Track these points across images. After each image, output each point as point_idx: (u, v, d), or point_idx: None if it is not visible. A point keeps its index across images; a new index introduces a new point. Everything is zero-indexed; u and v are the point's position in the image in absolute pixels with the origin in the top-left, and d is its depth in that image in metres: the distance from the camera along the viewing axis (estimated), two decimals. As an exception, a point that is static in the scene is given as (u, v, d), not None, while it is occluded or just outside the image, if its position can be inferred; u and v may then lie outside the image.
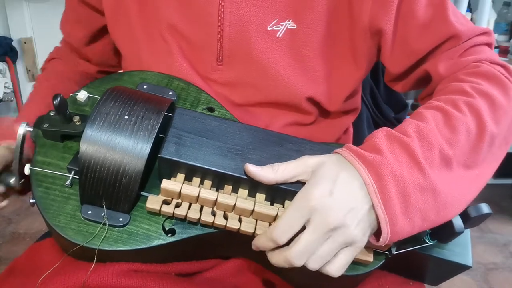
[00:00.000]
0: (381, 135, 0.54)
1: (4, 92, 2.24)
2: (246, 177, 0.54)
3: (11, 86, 2.30)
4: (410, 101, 2.35)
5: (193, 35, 0.67)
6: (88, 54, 0.84)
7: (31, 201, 0.56)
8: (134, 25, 0.70)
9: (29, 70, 2.40)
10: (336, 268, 0.51)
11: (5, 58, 2.28)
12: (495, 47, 2.07)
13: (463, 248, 0.62)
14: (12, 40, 2.32)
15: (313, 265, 0.50)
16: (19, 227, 1.87)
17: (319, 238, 0.49)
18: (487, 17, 2.00)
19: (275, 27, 0.65)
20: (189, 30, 0.67)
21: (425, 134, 0.53)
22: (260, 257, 0.62)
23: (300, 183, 0.54)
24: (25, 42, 2.33)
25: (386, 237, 0.50)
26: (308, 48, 0.66)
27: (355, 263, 0.56)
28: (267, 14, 0.64)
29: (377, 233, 0.52)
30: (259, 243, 0.53)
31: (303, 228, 0.50)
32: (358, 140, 0.89)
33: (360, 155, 0.52)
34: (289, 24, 0.65)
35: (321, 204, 0.49)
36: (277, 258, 0.51)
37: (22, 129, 0.58)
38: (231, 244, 0.60)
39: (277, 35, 0.65)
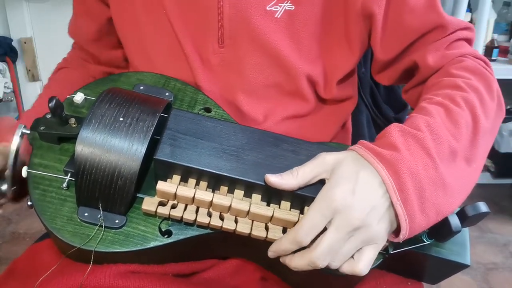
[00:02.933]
0: (395, 131, 0.54)
1: (4, 92, 2.25)
2: (241, 178, 0.54)
3: (11, 86, 2.30)
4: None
5: (194, 18, 0.68)
6: (97, 52, 0.85)
7: (29, 203, 0.56)
8: (139, 12, 0.71)
9: (29, 70, 2.40)
10: (363, 266, 0.51)
11: (5, 58, 2.28)
12: (495, 47, 2.07)
13: (461, 247, 0.62)
14: (12, 40, 2.32)
15: (335, 265, 0.51)
16: (19, 227, 1.87)
17: (342, 238, 0.50)
18: (487, 17, 2.00)
19: (274, 8, 0.66)
20: (190, 13, 0.68)
21: (435, 129, 0.55)
22: (258, 256, 0.62)
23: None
24: (25, 42, 2.34)
25: (405, 234, 0.51)
26: (305, 29, 0.68)
27: None
28: None
29: (394, 230, 0.53)
30: (281, 247, 0.52)
31: (325, 228, 0.50)
32: (357, 140, 0.89)
33: (377, 153, 0.52)
34: (287, 5, 0.66)
35: (344, 204, 0.49)
36: (299, 262, 0.52)
37: (17, 138, 0.57)
38: (228, 245, 0.61)
39: (275, 16, 0.66)
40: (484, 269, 1.74)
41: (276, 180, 0.53)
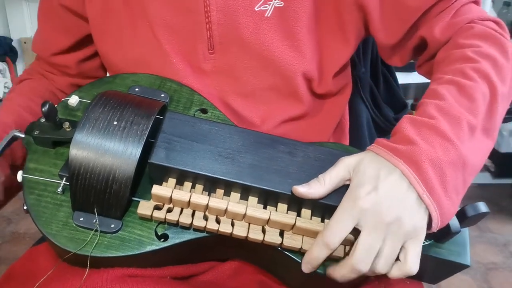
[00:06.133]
0: (407, 125, 0.54)
1: (4, 92, 2.24)
2: (237, 181, 0.54)
3: (11, 86, 2.30)
4: (410, 101, 2.34)
5: (181, 26, 0.67)
6: (68, 64, 0.81)
7: (24, 208, 0.56)
8: (123, 26, 0.70)
9: (29, 70, 2.40)
10: (411, 264, 0.51)
11: (5, 58, 2.28)
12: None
13: (461, 247, 0.61)
14: (12, 40, 2.32)
15: (382, 268, 0.51)
16: (19, 227, 1.87)
17: (378, 237, 0.50)
18: (487, 17, 1.99)
19: (263, 7, 0.65)
20: (177, 22, 0.67)
21: (448, 111, 0.54)
22: (256, 258, 0.62)
23: None
24: (25, 42, 2.33)
25: (437, 222, 0.52)
26: (298, 24, 0.67)
27: None
28: None
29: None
30: (312, 254, 0.52)
31: (358, 233, 0.50)
32: (357, 140, 0.89)
33: (393, 149, 0.53)
34: (277, 2, 0.65)
35: (369, 202, 0.50)
36: (342, 271, 0.52)
37: None
38: (225, 247, 0.60)
39: (265, 15, 0.65)
40: (484, 269, 1.73)
41: (304, 190, 0.53)
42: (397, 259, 0.52)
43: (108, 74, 0.82)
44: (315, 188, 0.53)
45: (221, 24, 0.65)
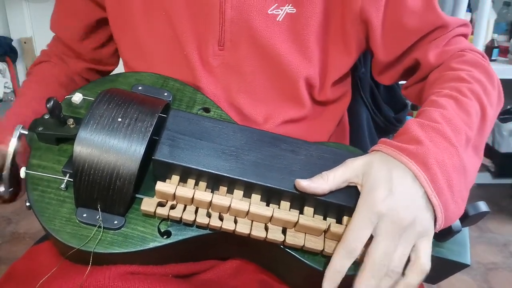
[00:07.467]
0: (415, 126, 0.56)
1: (4, 92, 2.25)
2: (240, 178, 0.54)
3: (11, 86, 2.30)
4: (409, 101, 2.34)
5: (195, 20, 0.68)
6: (82, 50, 0.84)
7: (27, 204, 0.56)
8: (136, 16, 0.71)
9: (29, 70, 2.40)
10: (424, 262, 0.52)
11: (5, 58, 2.28)
12: (495, 47, 2.07)
13: (461, 247, 0.61)
14: (12, 40, 2.32)
15: (395, 267, 0.51)
16: (19, 227, 1.87)
17: (394, 240, 0.50)
18: (487, 17, 2.00)
19: (275, 11, 0.67)
20: (192, 15, 0.68)
21: (450, 119, 0.56)
22: (258, 257, 0.62)
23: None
24: (25, 42, 2.34)
25: (440, 223, 0.53)
26: (307, 31, 0.69)
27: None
28: None
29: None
30: (335, 267, 0.51)
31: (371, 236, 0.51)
32: (357, 140, 0.89)
33: (403, 149, 0.54)
34: (289, 8, 0.67)
35: (387, 206, 0.50)
36: (359, 279, 0.51)
37: (15, 140, 0.58)
38: (228, 245, 0.60)
39: (277, 19, 0.67)
40: (484, 269, 1.74)
41: (307, 184, 0.53)
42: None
43: (121, 62, 0.84)
44: (318, 184, 0.53)
45: (234, 22, 0.67)
